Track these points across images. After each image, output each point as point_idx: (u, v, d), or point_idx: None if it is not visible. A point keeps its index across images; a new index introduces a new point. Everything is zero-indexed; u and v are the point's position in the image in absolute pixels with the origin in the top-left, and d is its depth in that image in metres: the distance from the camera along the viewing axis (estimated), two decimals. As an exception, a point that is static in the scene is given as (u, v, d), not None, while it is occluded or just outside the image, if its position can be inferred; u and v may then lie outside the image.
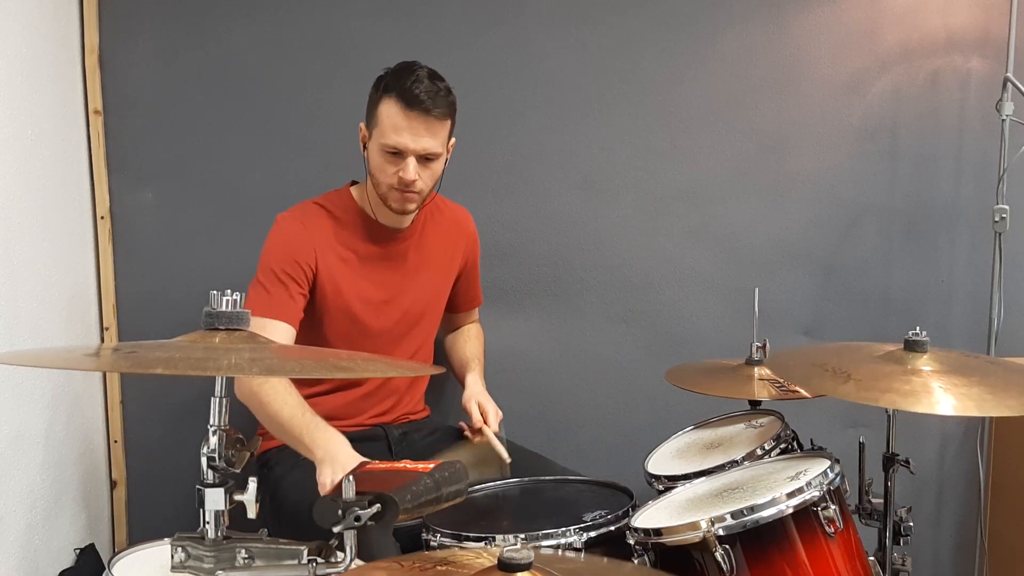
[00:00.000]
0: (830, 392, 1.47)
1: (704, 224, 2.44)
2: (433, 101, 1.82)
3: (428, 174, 1.88)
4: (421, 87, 1.81)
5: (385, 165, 1.86)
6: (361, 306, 1.97)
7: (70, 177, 2.17)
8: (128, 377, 2.32)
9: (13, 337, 1.79)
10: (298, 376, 1.87)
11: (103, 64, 2.25)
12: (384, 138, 1.84)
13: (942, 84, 2.42)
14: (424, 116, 1.81)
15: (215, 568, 1.00)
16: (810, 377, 1.55)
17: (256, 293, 1.87)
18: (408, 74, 1.83)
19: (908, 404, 1.42)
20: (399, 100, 1.81)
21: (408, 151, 1.83)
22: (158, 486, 2.33)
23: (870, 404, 1.44)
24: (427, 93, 1.81)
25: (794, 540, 1.46)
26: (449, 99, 1.86)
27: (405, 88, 1.81)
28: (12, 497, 1.79)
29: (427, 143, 1.84)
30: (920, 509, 2.44)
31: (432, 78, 1.84)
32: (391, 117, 1.82)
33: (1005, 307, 2.34)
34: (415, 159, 1.84)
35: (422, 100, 1.80)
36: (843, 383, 1.45)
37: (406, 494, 1.06)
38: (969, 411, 1.48)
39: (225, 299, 1.06)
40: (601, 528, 1.56)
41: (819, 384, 1.51)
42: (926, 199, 2.45)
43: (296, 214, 1.96)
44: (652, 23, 2.38)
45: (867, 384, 1.45)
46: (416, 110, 1.81)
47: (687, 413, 2.08)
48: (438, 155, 1.88)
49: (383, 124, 1.84)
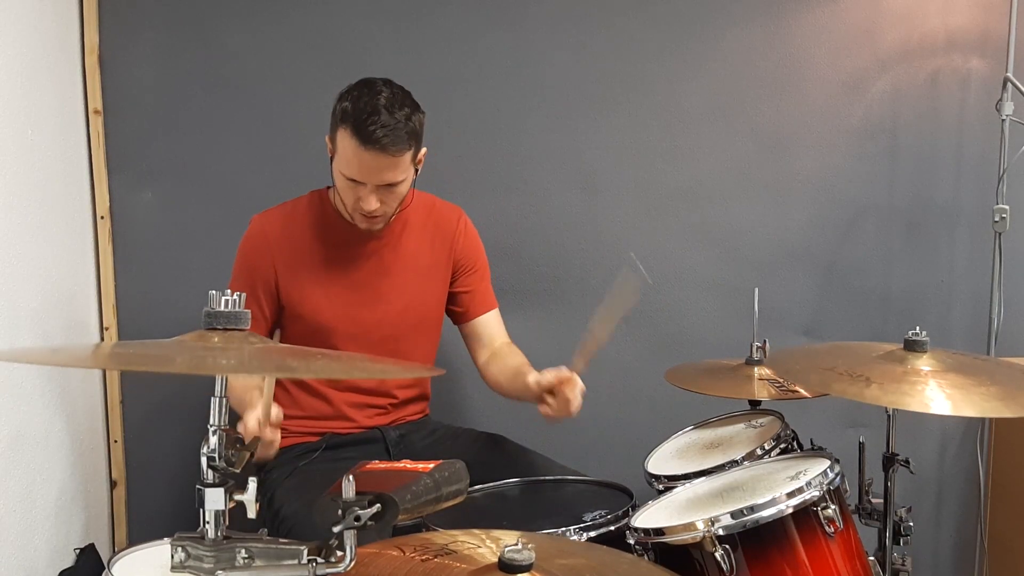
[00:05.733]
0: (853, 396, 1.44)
1: (704, 224, 2.44)
2: (391, 138, 1.73)
3: (392, 197, 1.83)
4: (378, 123, 1.71)
5: (347, 189, 1.82)
6: (329, 311, 1.93)
7: (70, 177, 2.18)
8: (128, 377, 2.32)
9: (13, 336, 1.79)
10: (299, 376, 1.87)
11: (103, 64, 2.25)
12: (342, 167, 1.79)
13: (942, 84, 2.42)
14: (381, 153, 1.74)
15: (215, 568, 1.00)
16: (829, 382, 1.51)
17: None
18: (366, 106, 1.73)
19: (908, 404, 1.42)
20: (355, 136, 1.73)
21: (367, 182, 1.79)
22: (158, 486, 2.34)
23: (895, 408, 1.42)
24: (384, 130, 1.72)
25: (794, 540, 1.46)
26: (408, 128, 1.76)
27: (361, 124, 1.72)
28: (12, 497, 1.79)
29: (386, 175, 1.78)
30: (920, 509, 2.45)
31: (391, 108, 1.74)
32: (347, 150, 1.76)
33: (1005, 307, 2.34)
34: (375, 188, 1.79)
35: (378, 138, 1.72)
36: (866, 387, 1.44)
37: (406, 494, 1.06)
38: (969, 411, 1.47)
39: (225, 299, 1.05)
40: (601, 528, 1.55)
41: (841, 388, 1.47)
42: (926, 199, 2.46)
43: (263, 217, 1.94)
44: (653, 23, 2.39)
45: (889, 388, 1.44)
46: (372, 149, 1.73)
47: (687, 413, 2.08)
48: (401, 181, 1.82)
49: (341, 153, 1.78)
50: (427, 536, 1.34)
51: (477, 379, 2.08)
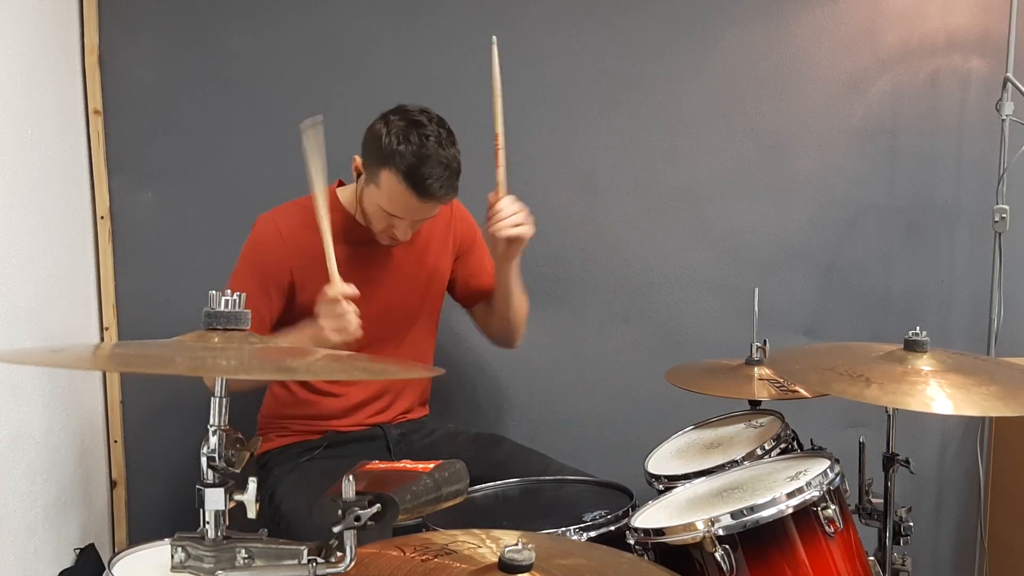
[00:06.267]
0: (853, 396, 1.44)
1: (704, 224, 2.44)
2: (446, 190, 1.76)
3: (422, 223, 1.89)
4: (433, 175, 1.72)
5: (380, 217, 1.84)
6: None
7: (70, 177, 2.18)
8: (128, 377, 2.32)
9: (13, 336, 1.79)
10: (300, 377, 1.87)
11: (103, 64, 2.25)
12: (385, 204, 1.79)
13: (942, 84, 2.42)
14: (431, 201, 1.78)
15: (215, 568, 1.00)
16: (829, 382, 1.50)
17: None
18: (419, 146, 1.72)
19: (907, 404, 1.42)
20: (410, 187, 1.74)
21: (408, 219, 1.82)
22: (158, 486, 2.34)
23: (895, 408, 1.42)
24: (440, 182, 1.74)
25: (794, 540, 1.46)
26: (456, 178, 1.78)
27: (416, 175, 1.72)
28: (12, 497, 1.79)
29: (428, 214, 1.84)
30: (920, 509, 2.44)
31: (441, 150, 1.74)
32: (394, 193, 1.76)
33: (1005, 307, 2.34)
34: (412, 222, 1.84)
35: (434, 192, 1.74)
36: (866, 387, 1.44)
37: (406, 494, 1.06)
38: (969, 411, 1.48)
39: (225, 299, 1.05)
40: (601, 528, 1.55)
41: (841, 389, 1.47)
42: (926, 199, 2.45)
43: (275, 217, 1.94)
44: (653, 23, 2.39)
45: (889, 388, 1.44)
46: (425, 199, 1.76)
47: (687, 413, 2.07)
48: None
49: (386, 192, 1.77)
50: (427, 536, 1.34)
51: (477, 379, 2.08)
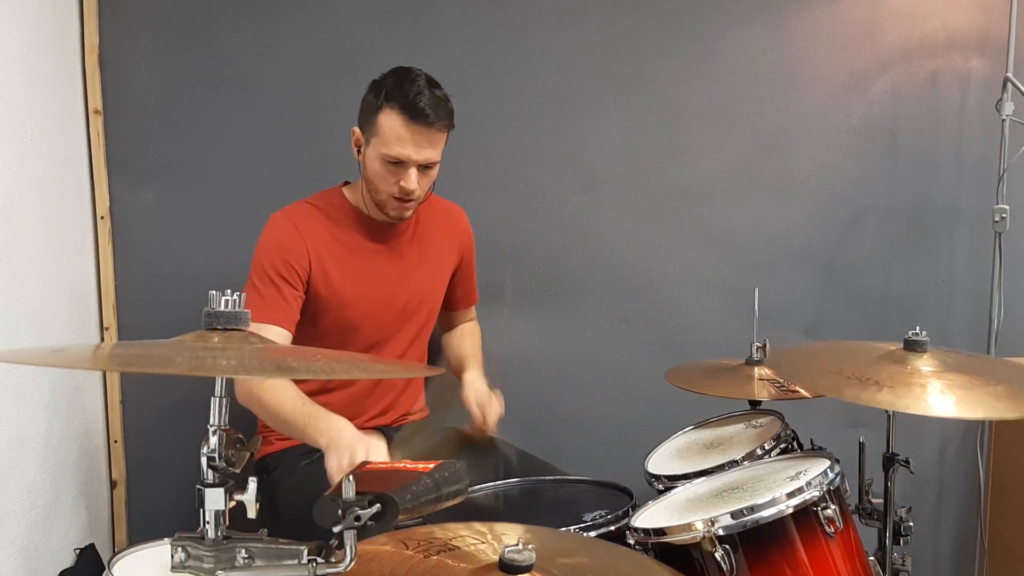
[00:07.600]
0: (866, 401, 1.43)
1: (704, 224, 2.44)
2: (436, 113, 1.81)
3: (427, 180, 1.89)
4: (424, 99, 1.80)
5: (385, 174, 1.86)
6: (356, 302, 1.96)
7: (70, 177, 2.17)
8: (128, 377, 2.32)
9: (13, 336, 1.79)
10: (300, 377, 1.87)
11: (103, 64, 2.25)
12: (386, 148, 1.83)
13: (942, 84, 2.42)
14: (428, 128, 1.82)
15: (215, 568, 1.00)
16: (840, 387, 1.48)
17: (249, 296, 1.85)
18: (409, 84, 1.81)
19: (907, 405, 1.42)
20: (403, 112, 1.80)
21: (411, 162, 1.83)
22: (158, 486, 2.34)
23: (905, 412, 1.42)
24: (431, 105, 1.80)
25: (794, 540, 1.46)
26: (448, 107, 1.86)
27: (409, 100, 1.80)
28: (12, 497, 1.79)
29: (429, 153, 1.84)
30: (920, 509, 2.44)
31: (431, 86, 1.83)
32: (394, 128, 1.81)
33: (1005, 307, 2.34)
34: (416, 168, 1.84)
35: (426, 113, 1.80)
36: (877, 391, 1.44)
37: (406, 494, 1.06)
38: (969, 412, 1.47)
39: (225, 299, 1.05)
40: (601, 528, 1.56)
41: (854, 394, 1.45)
42: (926, 199, 2.46)
43: (289, 213, 1.95)
44: (653, 23, 2.39)
45: (900, 392, 1.43)
46: (420, 123, 1.80)
47: (687, 413, 2.08)
48: (437, 162, 1.89)
49: (384, 134, 1.83)
50: (429, 531, 1.34)
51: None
